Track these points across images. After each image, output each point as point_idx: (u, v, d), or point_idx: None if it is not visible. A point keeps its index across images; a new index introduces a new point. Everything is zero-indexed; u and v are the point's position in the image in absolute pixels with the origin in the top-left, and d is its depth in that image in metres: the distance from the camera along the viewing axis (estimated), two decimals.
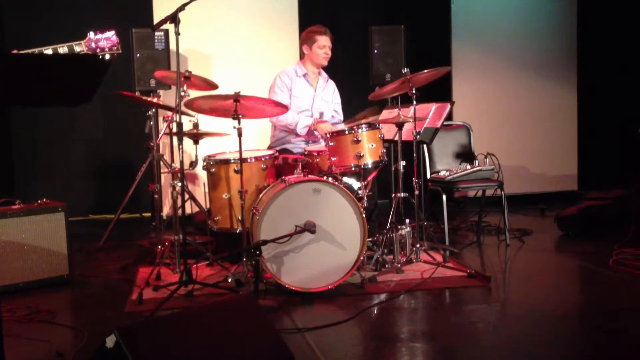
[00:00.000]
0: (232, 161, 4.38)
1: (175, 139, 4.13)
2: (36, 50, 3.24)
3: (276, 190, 4.02)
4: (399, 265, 4.41)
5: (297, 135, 5.04)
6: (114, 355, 2.41)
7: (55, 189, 6.59)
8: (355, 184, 4.49)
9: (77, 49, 3.38)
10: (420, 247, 4.59)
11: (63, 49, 3.32)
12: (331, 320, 3.55)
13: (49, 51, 3.27)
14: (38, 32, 6.40)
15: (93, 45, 3.39)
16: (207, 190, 4.58)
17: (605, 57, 7.17)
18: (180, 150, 4.00)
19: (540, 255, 5.06)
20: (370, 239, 4.49)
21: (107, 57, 3.41)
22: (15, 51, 3.13)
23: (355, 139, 4.31)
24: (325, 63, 5.16)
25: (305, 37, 5.16)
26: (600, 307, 3.83)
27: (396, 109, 4.53)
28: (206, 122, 4.77)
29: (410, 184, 4.63)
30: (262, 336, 2.84)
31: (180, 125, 3.96)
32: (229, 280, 4.20)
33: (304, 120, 4.98)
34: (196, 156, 4.49)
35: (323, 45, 5.08)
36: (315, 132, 5.00)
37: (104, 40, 3.41)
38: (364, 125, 4.41)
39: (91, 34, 3.42)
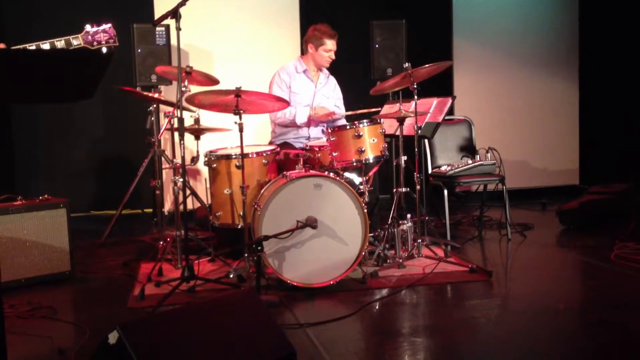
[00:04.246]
0: (234, 156, 4.38)
1: (176, 134, 4.13)
2: (33, 44, 3.24)
3: (277, 185, 4.02)
4: (401, 260, 4.41)
5: (299, 128, 5.03)
6: (116, 351, 2.41)
7: (56, 185, 6.58)
8: (357, 179, 4.48)
9: (75, 42, 3.38)
10: (421, 242, 4.59)
11: (60, 43, 3.33)
12: (333, 316, 3.55)
13: (46, 45, 3.27)
14: (38, 26, 6.38)
15: (90, 38, 3.40)
16: (208, 185, 4.58)
17: (607, 51, 7.14)
18: (182, 146, 4.00)
19: (541, 249, 5.05)
20: (371, 234, 4.49)
21: (104, 50, 3.41)
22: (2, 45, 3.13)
23: (356, 133, 4.31)
24: (327, 66, 5.14)
25: (312, 35, 5.05)
26: (601, 301, 3.83)
27: (397, 104, 4.53)
28: (207, 118, 4.76)
29: (411, 179, 4.62)
30: (264, 331, 2.84)
31: (181, 120, 3.95)
32: (231, 276, 4.21)
33: (302, 111, 4.97)
34: (197, 152, 4.49)
35: (329, 49, 5.03)
36: (322, 123, 4.99)
37: (101, 33, 3.42)
38: (365, 120, 4.40)
39: (88, 27, 3.42)
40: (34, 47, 3.22)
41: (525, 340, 3.24)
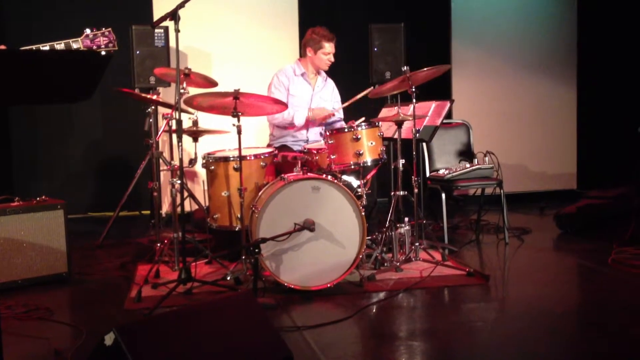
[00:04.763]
0: (232, 159, 4.38)
1: (174, 136, 4.12)
2: (33, 47, 3.25)
3: (275, 188, 4.01)
4: (398, 264, 4.41)
5: (297, 131, 5.03)
6: (112, 353, 2.41)
7: (54, 186, 6.58)
8: (355, 182, 4.48)
9: (74, 45, 3.40)
10: (419, 245, 4.59)
11: (60, 46, 3.34)
12: (330, 319, 3.54)
13: (46, 48, 3.27)
14: (39, 29, 6.39)
15: (89, 42, 3.41)
16: (206, 188, 4.58)
17: (604, 55, 7.16)
18: (180, 148, 4.00)
19: (539, 253, 5.05)
20: (369, 237, 4.49)
21: (103, 53, 3.42)
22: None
23: (354, 136, 4.31)
24: (326, 69, 5.14)
25: (311, 38, 5.06)
26: (599, 305, 3.83)
27: (396, 107, 4.53)
28: (206, 120, 4.76)
29: (409, 182, 4.62)
30: (260, 334, 2.84)
31: (179, 122, 3.95)
32: (228, 278, 4.20)
33: (300, 112, 4.97)
34: (195, 154, 4.48)
35: (328, 52, 5.03)
36: (322, 126, 5.00)
37: (101, 37, 3.43)
38: (363, 123, 4.41)
39: (87, 31, 3.43)
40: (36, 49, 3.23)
41: (522, 344, 3.24)
